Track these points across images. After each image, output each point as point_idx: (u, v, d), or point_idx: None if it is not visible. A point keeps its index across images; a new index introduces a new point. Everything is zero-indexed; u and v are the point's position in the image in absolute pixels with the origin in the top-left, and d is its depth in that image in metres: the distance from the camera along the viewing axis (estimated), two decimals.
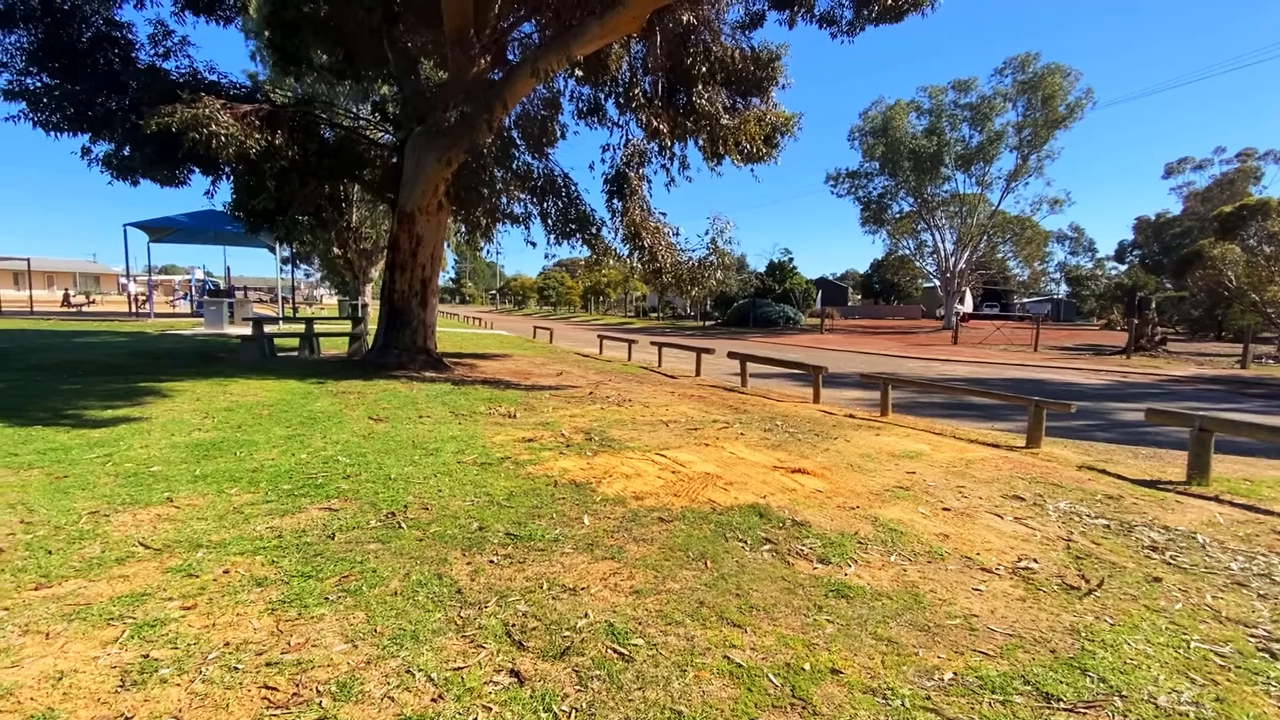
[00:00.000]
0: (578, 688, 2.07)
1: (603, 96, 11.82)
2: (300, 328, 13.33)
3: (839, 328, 35.49)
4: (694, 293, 11.58)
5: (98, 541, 3.12)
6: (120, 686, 2.00)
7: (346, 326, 14.86)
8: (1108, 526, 3.91)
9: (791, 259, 45.10)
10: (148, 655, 2.17)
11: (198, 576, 2.78)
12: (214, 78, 10.84)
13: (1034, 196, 36.13)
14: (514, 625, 2.44)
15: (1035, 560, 3.32)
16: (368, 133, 12.66)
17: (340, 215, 16.40)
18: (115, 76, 10.19)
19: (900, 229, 39.24)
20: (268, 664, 2.15)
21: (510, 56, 11.53)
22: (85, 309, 28.54)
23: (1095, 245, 64.89)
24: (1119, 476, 5.24)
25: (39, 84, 9.85)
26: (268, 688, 2.02)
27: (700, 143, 11.29)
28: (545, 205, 11.88)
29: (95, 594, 2.60)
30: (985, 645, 2.45)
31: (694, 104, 10.46)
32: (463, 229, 14.35)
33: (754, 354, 11.63)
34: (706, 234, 11.40)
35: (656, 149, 11.56)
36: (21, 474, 4.14)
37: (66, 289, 38.09)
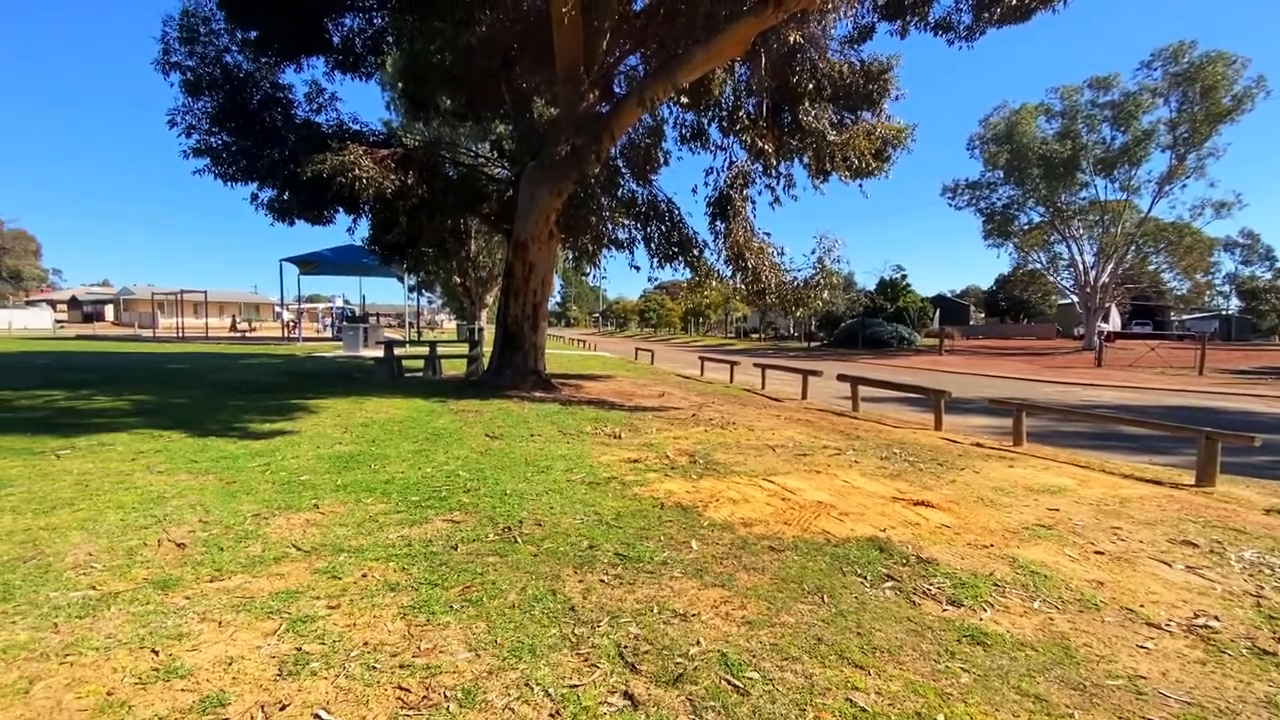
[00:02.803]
0: (692, 717, 2.03)
1: (705, 121, 11.96)
2: (424, 350, 14.40)
3: (960, 349, 32.99)
4: (799, 313, 11.33)
5: (259, 542, 3.50)
6: (279, 675, 2.21)
7: (464, 349, 15.83)
8: None
9: (904, 276, 42.95)
10: (300, 649, 2.38)
11: (340, 578, 3.03)
12: (357, 127, 12.18)
13: (1194, 200, 31.69)
14: (626, 647, 2.45)
15: (1216, 617, 2.86)
16: (486, 169, 13.60)
17: (460, 246, 17.65)
18: (278, 131, 11.73)
19: (1029, 241, 35.98)
20: (400, 665, 2.29)
21: (616, 89, 11.97)
22: (248, 334, 32.61)
23: (1274, 253, 56.09)
24: None
25: (220, 142, 11.55)
26: (401, 688, 2.15)
27: (805, 160, 11.10)
28: (649, 230, 12.15)
29: (257, 589, 2.91)
30: (1157, 713, 2.13)
31: (799, 122, 10.33)
32: (571, 255, 14.95)
33: (866, 376, 11.10)
34: (813, 253, 11.20)
35: (760, 169, 11.51)
36: (200, 478, 4.75)
37: (234, 316, 43.82)
